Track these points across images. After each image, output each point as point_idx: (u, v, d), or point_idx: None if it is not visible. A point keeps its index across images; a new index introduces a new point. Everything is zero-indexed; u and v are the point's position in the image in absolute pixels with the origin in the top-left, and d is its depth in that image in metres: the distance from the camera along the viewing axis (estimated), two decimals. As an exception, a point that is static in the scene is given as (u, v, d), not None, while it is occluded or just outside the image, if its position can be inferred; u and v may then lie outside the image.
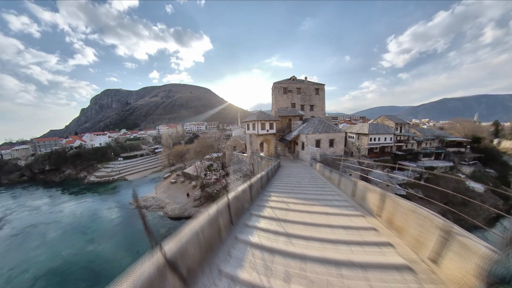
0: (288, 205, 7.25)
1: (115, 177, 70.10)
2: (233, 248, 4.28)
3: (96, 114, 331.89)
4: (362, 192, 7.12)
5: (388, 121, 52.76)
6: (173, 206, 40.64)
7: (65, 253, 28.72)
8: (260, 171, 24.02)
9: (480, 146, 55.92)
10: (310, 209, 6.80)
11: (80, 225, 37.42)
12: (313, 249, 4.18)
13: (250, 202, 7.35)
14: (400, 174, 42.52)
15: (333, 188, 9.85)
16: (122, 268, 15.65)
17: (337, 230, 5.11)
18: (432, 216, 3.91)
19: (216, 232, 4.42)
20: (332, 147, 24.37)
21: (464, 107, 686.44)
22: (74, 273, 24.69)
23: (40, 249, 30.27)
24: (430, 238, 3.84)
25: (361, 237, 4.73)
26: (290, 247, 4.21)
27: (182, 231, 3.43)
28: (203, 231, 3.82)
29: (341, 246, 4.33)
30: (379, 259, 3.91)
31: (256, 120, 24.78)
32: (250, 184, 7.37)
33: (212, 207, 4.65)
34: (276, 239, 4.66)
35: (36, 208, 47.31)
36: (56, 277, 24.30)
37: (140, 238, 31.02)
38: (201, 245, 3.72)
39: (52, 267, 25.94)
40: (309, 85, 34.08)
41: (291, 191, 9.50)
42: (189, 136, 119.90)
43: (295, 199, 8.01)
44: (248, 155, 27.55)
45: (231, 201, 5.35)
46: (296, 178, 13.61)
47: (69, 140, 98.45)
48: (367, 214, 6.26)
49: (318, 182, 11.58)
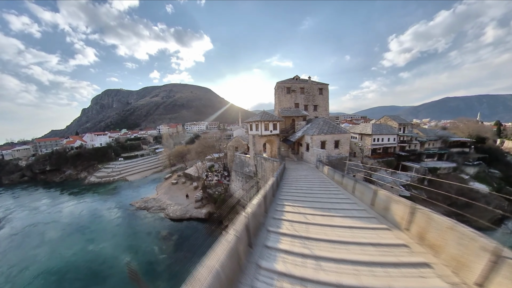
0: (306, 217, 6.69)
1: (115, 177, 69.74)
2: (257, 280, 3.70)
3: (97, 114, 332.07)
4: (384, 202, 6.62)
5: (391, 121, 52.22)
6: (175, 207, 40.18)
7: (64, 253, 28.51)
8: (264, 173, 23.67)
9: (484, 146, 55.37)
10: (331, 222, 6.29)
11: (80, 226, 37.07)
12: (348, 276, 3.69)
13: (264, 215, 6.75)
14: (403, 175, 42.03)
15: (347, 195, 9.30)
16: (120, 269, 15.08)
17: (367, 249, 4.63)
18: (478, 236, 3.54)
19: (236, 262, 3.80)
20: (338, 148, 23.81)
21: (465, 106, 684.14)
22: (71, 272, 24.54)
23: (39, 248, 30.08)
24: (475, 260, 3.48)
25: (395, 256, 4.24)
26: (321, 275, 3.70)
27: (201, 274, 2.82)
28: (223, 268, 3.18)
29: (377, 269, 3.86)
30: (420, 284, 3.46)
31: (259, 121, 24.26)
32: (264, 194, 6.77)
33: (229, 232, 3.95)
34: (304, 263, 4.13)
35: (36, 208, 46.96)
36: (54, 276, 24.17)
37: (140, 239, 30.67)
38: (222, 286, 3.12)
39: (51, 266, 25.76)
40: (313, 84, 33.52)
41: (304, 199, 8.94)
42: (190, 136, 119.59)
43: (311, 209, 7.44)
44: (251, 156, 27.02)
45: (249, 219, 4.68)
46: (306, 182, 13.01)
47: (69, 140, 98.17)
48: (392, 227, 5.77)
49: (329, 188, 11.00)
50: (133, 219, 38.20)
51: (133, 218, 38.62)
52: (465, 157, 49.45)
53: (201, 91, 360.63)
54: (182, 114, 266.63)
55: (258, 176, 25.50)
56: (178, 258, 25.64)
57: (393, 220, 6.06)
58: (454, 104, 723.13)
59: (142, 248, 28.20)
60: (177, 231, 32.40)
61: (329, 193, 9.90)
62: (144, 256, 26.36)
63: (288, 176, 14.86)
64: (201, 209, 37.78)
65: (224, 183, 39.24)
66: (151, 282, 22.22)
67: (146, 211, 41.08)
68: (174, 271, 23.64)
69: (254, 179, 26.30)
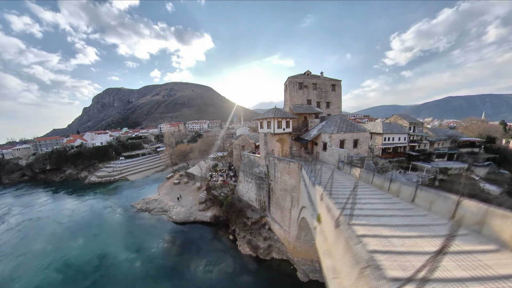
0: (390, 241, 4.86)
1: (116, 177, 68.16)
2: None
3: (98, 113, 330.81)
4: (477, 216, 4.95)
5: (401, 120, 50.47)
6: (178, 209, 38.48)
7: (62, 252, 27.32)
8: (277, 174, 21.69)
9: (493, 146, 53.76)
10: (429, 246, 4.61)
11: (78, 225, 35.54)
12: None
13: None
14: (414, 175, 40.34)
15: (405, 204, 7.55)
16: (118, 267, 13.09)
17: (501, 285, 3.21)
18: None
19: None
20: (356, 148, 22.02)
21: (468, 106, 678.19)
22: (68, 271, 23.60)
23: (37, 248, 28.77)
24: None
25: None
26: None
27: None
28: None
29: None
30: None
31: (272, 118, 22.47)
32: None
33: None
34: None
35: (35, 208, 45.33)
36: (52, 274, 23.10)
37: (142, 243, 29.11)
38: None
39: (48, 265, 24.64)
40: (325, 80, 31.64)
41: (361, 212, 6.88)
42: (192, 135, 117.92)
43: (386, 229, 5.55)
44: (262, 156, 25.27)
45: None
46: (343, 188, 10.88)
47: (70, 139, 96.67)
48: (498, 246, 4.45)
49: (376, 195, 9.07)
50: (134, 221, 36.53)
51: (134, 220, 36.94)
52: (475, 157, 47.89)
53: (202, 90, 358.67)
54: (183, 113, 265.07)
55: (270, 178, 23.79)
56: (182, 263, 24.11)
57: (496, 238, 4.64)
58: (456, 103, 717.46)
59: (143, 253, 26.66)
60: (181, 234, 30.81)
61: (384, 203, 8.00)
62: (147, 261, 24.82)
63: (322, 183, 12.80)
64: (206, 212, 36.07)
65: (231, 184, 37.51)
66: (153, 286, 20.88)
67: (147, 212, 39.46)
68: (177, 274, 22.20)
69: (265, 181, 24.59)
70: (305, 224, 18.24)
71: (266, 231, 26.53)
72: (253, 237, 26.03)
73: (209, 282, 21.07)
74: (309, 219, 11.74)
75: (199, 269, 22.91)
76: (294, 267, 22.47)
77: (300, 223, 18.19)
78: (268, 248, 24.74)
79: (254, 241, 25.60)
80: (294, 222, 20.42)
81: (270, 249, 24.74)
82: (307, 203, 11.97)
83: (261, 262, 23.76)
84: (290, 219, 21.41)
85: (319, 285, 20.61)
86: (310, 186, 11.23)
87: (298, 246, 21.93)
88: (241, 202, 30.99)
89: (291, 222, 21.30)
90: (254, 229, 27.01)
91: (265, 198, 26.25)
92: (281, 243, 24.67)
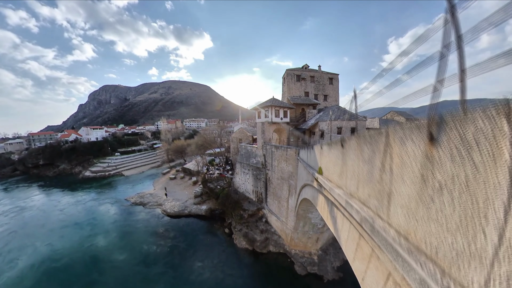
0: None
1: (111, 172, 67.07)
2: None
3: (94, 110, 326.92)
4: None
5: (398, 117, 50.57)
6: (172, 203, 37.81)
7: (55, 249, 26.18)
8: (274, 163, 21.25)
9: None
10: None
11: (72, 221, 34.47)
12: None
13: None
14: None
15: None
16: (115, 265, 12.31)
17: None
18: None
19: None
20: (354, 137, 21.78)
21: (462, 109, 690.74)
22: (65, 269, 22.42)
23: (28, 245, 27.61)
24: None
25: None
26: None
27: None
28: None
29: None
30: None
31: (270, 106, 22.12)
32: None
33: None
34: None
35: (26, 202, 44.20)
36: (48, 273, 21.98)
37: (134, 236, 28.40)
38: None
39: (42, 262, 23.51)
40: (323, 74, 31.50)
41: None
42: (189, 132, 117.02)
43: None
44: (259, 146, 24.84)
45: None
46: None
47: (64, 134, 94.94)
48: None
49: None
50: (128, 214, 35.77)
51: (128, 213, 36.18)
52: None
53: (200, 89, 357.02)
54: (181, 111, 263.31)
55: (267, 167, 23.36)
56: (176, 258, 23.48)
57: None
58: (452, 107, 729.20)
59: (137, 246, 25.93)
60: (176, 228, 30.13)
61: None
62: (139, 254, 24.14)
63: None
64: (201, 205, 35.46)
65: (227, 177, 36.97)
66: (146, 282, 20.17)
67: (142, 206, 38.70)
68: (171, 270, 21.57)
69: (262, 171, 24.13)
70: (303, 212, 17.84)
71: (263, 223, 26.04)
72: (249, 230, 25.50)
73: (204, 277, 20.44)
74: (309, 194, 11.51)
75: (193, 264, 22.25)
76: (291, 260, 22.02)
77: (298, 211, 17.78)
78: (265, 241, 24.26)
79: (250, 234, 25.07)
80: (291, 212, 20.02)
81: (267, 242, 24.27)
82: (306, 178, 11.82)
83: (257, 256, 23.22)
84: (287, 208, 21.02)
85: (316, 278, 20.17)
86: (309, 154, 11.19)
87: (296, 238, 21.53)
88: (238, 194, 30.47)
89: (288, 212, 20.91)
90: (251, 221, 26.48)
91: (262, 189, 25.81)
92: (278, 236, 24.22)
